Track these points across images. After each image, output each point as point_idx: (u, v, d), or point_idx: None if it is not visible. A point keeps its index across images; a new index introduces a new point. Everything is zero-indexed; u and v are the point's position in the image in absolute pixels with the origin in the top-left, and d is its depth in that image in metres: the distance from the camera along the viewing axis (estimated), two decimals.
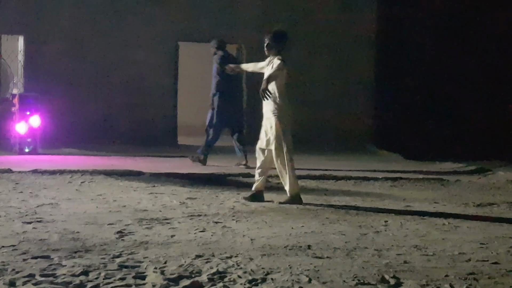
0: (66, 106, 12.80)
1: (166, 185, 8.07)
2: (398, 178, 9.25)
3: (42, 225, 5.39)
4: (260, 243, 4.98)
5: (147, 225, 5.55)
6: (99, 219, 5.72)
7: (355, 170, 9.81)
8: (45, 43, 13.15)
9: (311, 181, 8.83)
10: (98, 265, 4.16)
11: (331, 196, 7.68)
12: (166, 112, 13.85)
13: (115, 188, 7.70)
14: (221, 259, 4.44)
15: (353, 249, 4.88)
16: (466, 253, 4.88)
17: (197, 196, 7.29)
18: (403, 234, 5.54)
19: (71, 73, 13.23)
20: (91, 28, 13.42)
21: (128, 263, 4.27)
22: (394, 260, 4.57)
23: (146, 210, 6.27)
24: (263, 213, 6.32)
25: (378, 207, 6.94)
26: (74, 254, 4.44)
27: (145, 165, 9.70)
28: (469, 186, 8.97)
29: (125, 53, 13.57)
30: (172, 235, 5.16)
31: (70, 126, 12.68)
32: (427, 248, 5.00)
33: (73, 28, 13.34)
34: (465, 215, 6.62)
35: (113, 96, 13.47)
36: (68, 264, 4.16)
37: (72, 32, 13.32)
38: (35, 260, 4.25)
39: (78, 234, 5.09)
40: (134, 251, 4.59)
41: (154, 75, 13.72)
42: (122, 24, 13.59)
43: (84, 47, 13.38)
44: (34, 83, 12.87)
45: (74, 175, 8.43)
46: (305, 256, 4.61)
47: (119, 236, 5.05)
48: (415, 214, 6.54)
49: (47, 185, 7.71)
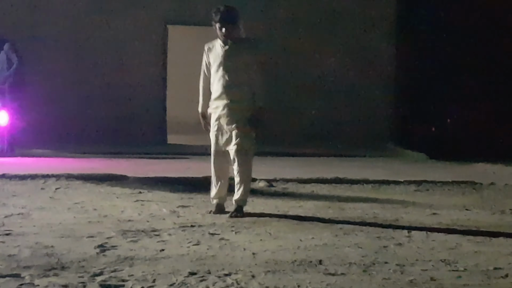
0: (38, 100, 12.79)
1: (154, 191, 8.08)
2: (423, 181, 9.25)
3: (11, 239, 5.39)
4: (263, 257, 4.99)
5: (132, 237, 5.56)
6: (76, 231, 5.72)
7: (373, 173, 9.81)
8: (17, 31, 13.13)
9: (322, 185, 8.83)
10: (76, 284, 4.16)
11: (345, 202, 7.68)
12: (153, 107, 13.86)
13: (95, 195, 7.71)
14: (218, 276, 4.44)
15: (371, 264, 4.89)
16: (502, 268, 4.88)
17: (190, 204, 7.29)
18: (429, 246, 5.54)
19: (45, 63, 13.23)
20: (68, 14, 13.41)
21: (110, 281, 4.27)
22: (419, 277, 4.57)
23: (131, 221, 6.27)
24: (266, 223, 6.32)
25: (400, 215, 6.94)
26: (48, 272, 4.44)
27: (129, 168, 9.70)
28: (505, 191, 8.97)
29: (105, 38, 13.57)
30: (161, 249, 5.16)
31: (43, 123, 12.69)
32: (457, 262, 5.00)
33: (48, 15, 13.33)
34: (501, 224, 6.61)
35: (93, 87, 13.47)
36: (41, 284, 4.16)
37: (43, 12, 13.31)
38: (3, 280, 4.25)
39: (52, 248, 5.09)
40: (118, 268, 4.59)
41: (140, 64, 13.72)
42: (102, 5, 13.58)
43: (58, 30, 13.37)
44: None
45: (48, 180, 8.44)
46: (315, 273, 4.61)
47: (100, 251, 5.05)
48: (443, 223, 6.53)
49: (16, 192, 7.72)
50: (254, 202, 7.35)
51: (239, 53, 6.65)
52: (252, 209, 6.97)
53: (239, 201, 6.70)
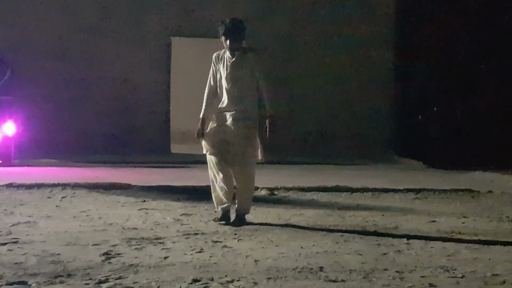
0: (44, 111, 12.84)
1: (158, 199, 8.08)
2: (422, 189, 9.24)
3: (18, 247, 5.39)
4: (265, 265, 4.99)
5: (136, 245, 5.56)
6: (82, 239, 5.72)
7: (373, 181, 9.81)
8: (22, 39, 13.19)
9: (323, 194, 8.83)
10: None
11: (345, 210, 7.68)
12: (157, 117, 13.89)
13: (100, 204, 7.72)
14: (221, 283, 4.45)
15: (371, 271, 4.88)
16: (500, 274, 4.87)
17: (193, 212, 7.29)
18: (428, 253, 5.54)
19: (51, 74, 13.27)
20: (74, 24, 13.46)
21: None
22: (418, 283, 4.57)
23: (135, 229, 6.28)
24: (268, 231, 6.32)
25: (399, 223, 6.94)
26: (54, 279, 4.45)
27: (134, 177, 9.71)
28: (502, 198, 8.95)
29: (111, 50, 13.63)
30: (165, 257, 5.16)
31: (50, 133, 12.72)
32: (456, 269, 5.00)
33: (54, 24, 13.39)
34: (498, 231, 6.61)
35: (98, 99, 13.51)
36: None
37: (52, 28, 13.37)
38: (11, 287, 4.26)
39: (58, 256, 5.09)
40: (123, 275, 4.60)
41: (144, 75, 13.76)
42: (109, 19, 13.63)
43: (66, 44, 13.43)
44: None
45: (54, 190, 8.44)
46: (316, 280, 4.61)
47: (105, 259, 5.06)
48: (442, 231, 6.53)
49: (23, 201, 7.73)
50: (256, 210, 7.34)
51: (246, 64, 6.61)
52: (254, 217, 6.96)
53: (241, 211, 6.68)
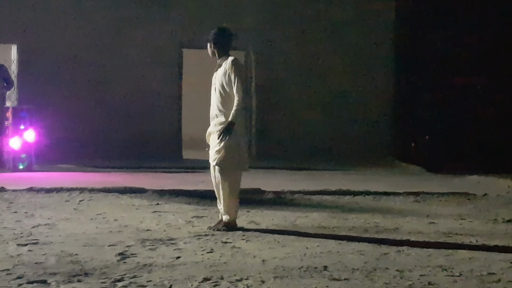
0: (62, 119, 12.86)
1: (171, 202, 8.08)
2: (421, 192, 9.21)
3: (38, 247, 5.40)
4: (272, 264, 4.98)
5: (150, 246, 5.56)
6: (99, 240, 5.72)
7: (374, 185, 9.78)
8: (40, 52, 13.23)
9: (327, 197, 8.82)
10: None
11: (348, 213, 7.66)
12: (170, 124, 13.90)
13: (115, 207, 7.71)
14: (231, 282, 4.44)
15: (373, 270, 4.87)
16: (495, 273, 4.85)
17: (204, 215, 7.29)
18: (427, 253, 5.51)
19: (68, 84, 13.31)
20: (89, 37, 13.50)
21: (130, 287, 4.27)
22: (417, 282, 4.55)
23: (149, 230, 6.28)
24: (275, 232, 6.31)
25: (400, 224, 6.92)
26: (72, 278, 4.45)
27: (147, 181, 9.71)
28: (497, 201, 8.92)
29: (125, 61, 13.64)
30: (177, 257, 5.16)
31: (67, 140, 12.73)
32: (453, 268, 4.98)
33: (70, 37, 13.42)
34: (494, 232, 6.58)
35: (113, 107, 13.52)
36: None
37: (68, 41, 13.40)
38: (31, 285, 4.26)
39: (76, 256, 5.09)
40: (137, 274, 4.59)
41: (157, 85, 13.78)
42: (123, 31, 13.67)
43: (82, 56, 13.45)
44: (29, 95, 12.95)
45: (72, 193, 8.45)
46: (321, 278, 4.59)
47: (120, 258, 5.05)
48: (440, 232, 6.51)
49: (43, 204, 7.73)
50: (264, 212, 7.36)
51: (222, 73, 6.43)
52: (262, 219, 6.98)
53: (223, 216, 6.43)
